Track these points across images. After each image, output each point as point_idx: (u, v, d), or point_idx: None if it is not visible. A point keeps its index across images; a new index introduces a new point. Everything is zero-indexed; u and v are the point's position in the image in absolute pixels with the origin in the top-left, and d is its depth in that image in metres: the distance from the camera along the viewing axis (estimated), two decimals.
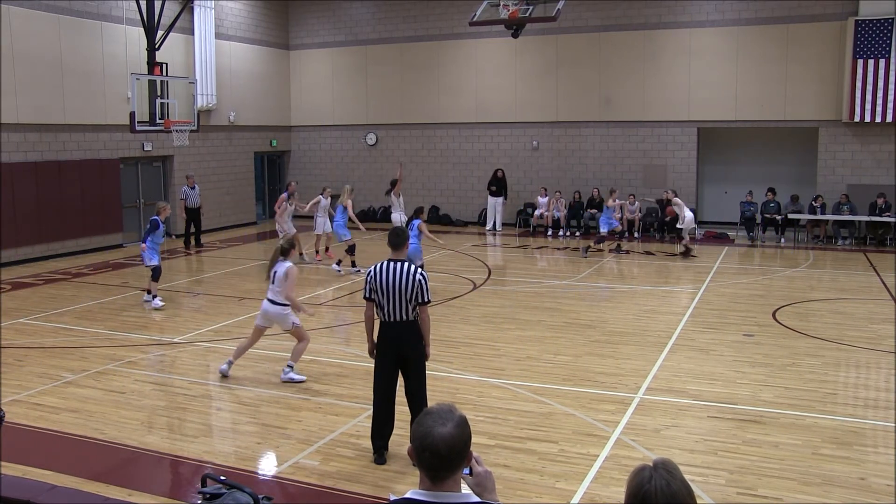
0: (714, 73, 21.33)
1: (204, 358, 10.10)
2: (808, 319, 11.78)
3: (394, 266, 6.48)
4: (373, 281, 6.50)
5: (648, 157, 22.28)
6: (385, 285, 6.43)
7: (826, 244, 19.67)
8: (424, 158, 25.01)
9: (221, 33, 22.96)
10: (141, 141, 20.15)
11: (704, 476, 6.24)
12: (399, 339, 6.53)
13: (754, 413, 7.72)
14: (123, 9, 19.10)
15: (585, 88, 22.60)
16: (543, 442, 6.99)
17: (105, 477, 6.41)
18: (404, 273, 6.43)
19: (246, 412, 7.96)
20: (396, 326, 6.51)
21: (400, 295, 6.42)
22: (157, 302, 12.82)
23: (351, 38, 25.49)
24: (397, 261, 6.52)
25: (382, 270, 6.48)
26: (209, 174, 22.17)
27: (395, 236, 6.68)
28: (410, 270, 6.45)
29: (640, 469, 2.28)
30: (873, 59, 19.40)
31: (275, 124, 25.91)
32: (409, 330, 6.53)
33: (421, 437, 2.49)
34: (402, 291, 6.41)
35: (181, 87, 18.09)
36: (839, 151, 20.55)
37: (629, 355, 9.83)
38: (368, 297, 6.57)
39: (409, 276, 6.42)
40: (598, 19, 22.24)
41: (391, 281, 6.42)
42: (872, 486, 6.09)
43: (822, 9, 20.15)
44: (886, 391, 8.63)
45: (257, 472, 6.57)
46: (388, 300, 6.44)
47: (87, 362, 9.73)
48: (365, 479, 6.30)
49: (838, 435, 7.13)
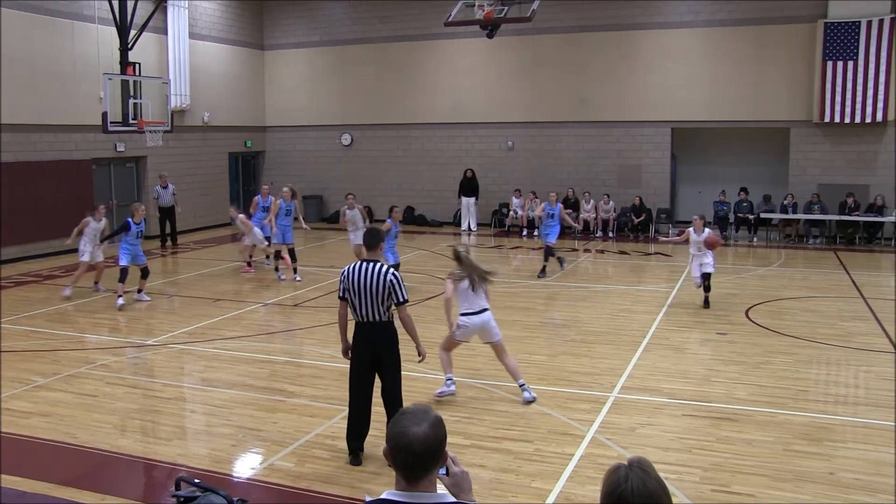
0: (688, 73, 21.50)
1: (178, 360, 10.01)
2: (781, 317, 11.91)
3: (366, 266, 6.46)
4: (346, 280, 6.48)
5: (623, 158, 22.41)
6: (357, 285, 6.41)
7: (798, 243, 19.91)
8: (400, 159, 24.98)
9: (195, 33, 22.77)
10: (114, 141, 19.94)
11: (679, 474, 6.29)
12: (373, 339, 6.52)
13: (728, 411, 7.79)
14: (95, 8, 18.87)
15: (561, 89, 22.69)
16: (519, 441, 7.01)
17: (77, 482, 6.33)
18: (376, 273, 6.41)
19: (220, 414, 7.91)
20: (370, 327, 6.50)
21: (372, 295, 6.40)
22: (119, 301, 12.76)
23: (326, 38, 25.41)
24: (370, 261, 6.50)
25: (355, 270, 6.46)
26: (183, 175, 21.98)
27: (370, 236, 6.65)
28: (382, 270, 6.43)
29: (616, 468, 2.27)
30: (842, 60, 19.67)
31: (249, 125, 25.75)
32: (382, 330, 6.52)
33: (396, 436, 2.48)
34: (374, 291, 6.40)
35: (154, 88, 17.94)
36: (810, 151, 20.81)
37: (604, 354, 9.89)
38: (342, 297, 6.56)
39: (380, 276, 6.40)
40: (574, 20, 22.34)
41: (363, 281, 6.40)
42: (841, 480, 6.18)
43: (793, 11, 20.38)
44: (856, 387, 8.77)
45: (232, 474, 6.52)
46: (361, 300, 6.43)
47: (59, 365, 9.61)
48: (340, 481, 6.28)
49: (809, 431, 7.22)
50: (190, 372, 9.64)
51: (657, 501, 2.20)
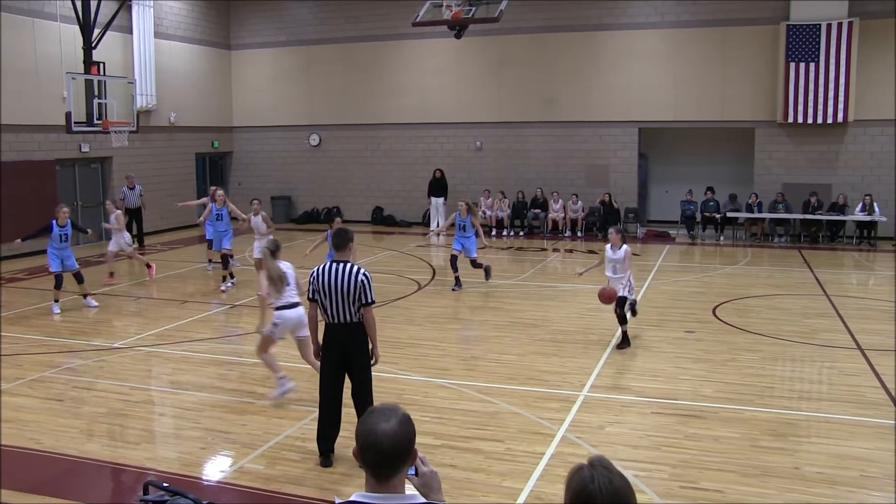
0: (653, 74, 21.72)
1: (145, 363, 9.90)
2: (747, 315, 12.08)
3: (336, 267, 6.43)
4: (315, 282, 6.44)
5: (591, 157, 22.57)
6: (328, 286, 6.38)
7: (763, 242, 20.21)
8: (368, 159, 24.93)
9: (161, 32, 22.52)
10: (78, 142, 19.65)
11: (648, 471, 6.36)
12: (344, 340, 6.50)
13: (695, 408, 7.89)
14: (57, 6, 18.58)
15: (528, 89, 22.79)
16: (489, 441, 7.03)
17: (43, 488, 6.25)
18: (347, 273, 6.38)
19: (189, 417, 7.84)
20: (341, 328, 6.47)
21: (343, 296, 6.38)
22: (54, 308, 12.49)
23: (293, 38, 25.27)
24: (340, 261, 6.48)
25: (325, 271, 6.43)
26: (150, 176, 21.73)
27: (338, 237, 6.62)
28: (353, 271, 6.41)
29: (578, 469, 2.27)
30: (804, 62, 19.99)
31: (216, 125, 25.52)
32: (353, 331, 6.49)
33: (364, 434, 2.48)
34: (345, 292, 6.37)
35: (119, 87, 17.71)
36: (774, 151, 21.14)
37: (573, 354, 9.96)
38: (312, 298, 6.52)
39: (351, 277, 6.38)
40: (541, 20, 22.45)
41: (334, 282, 6.37)
42: (806, 474, 6.29)
43: (756, 13, 20.67)
44: (819, 383, 8.93)
45: (201, 477, 6.48)
46: (332, 301, 6.40)
47: (22, 370, 9.45)
48: (310, 483, 6.26)
49: (775, 427, 7.34)
50: (158, 375, 9.54)
51: (624, 499, 2.23)
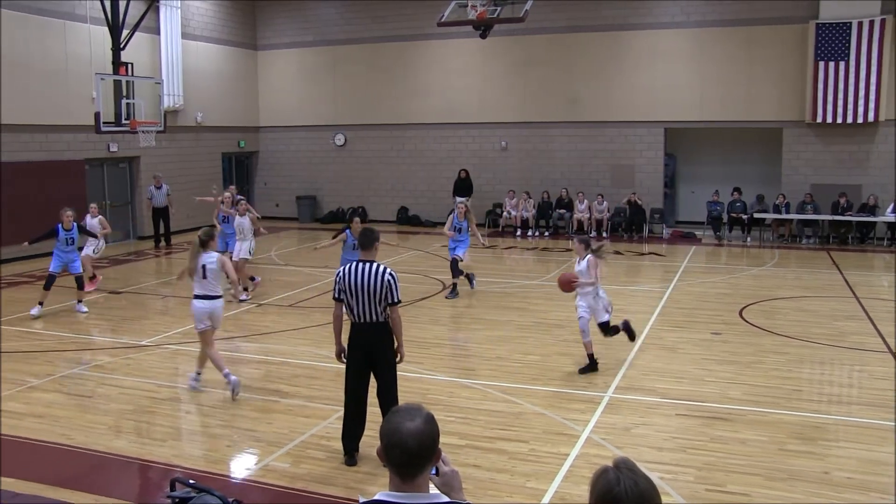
0: (679, 74, 21.55)
1: (172, 361, 10.00)
2: (774, 317, 11.96)
3: (363, 266, 6.44)
4: (342, 281, 6.44)
5: (616, 158, 22.45)
6: (355, 286, 6.38)
7: (791, 243, 19.98)
8: (393, 159, 24.98)
9: (188, 33, 22.73)
10: (106, 142, 19.88)
11: (673, 473, 6.31)
12: (370, 340, 6.50)
13: (722, 410, 7.82)
14: (87, 8, 18.81)
15: (553, 89, 22.71)
16: (514, 441, 7.02)
17: (72, 483, 6.32)
18: (374, 273, 6.39)
19: (215, 415, 7.90)
20: (367, 327, 6.47)
21: (370, 295, 6.38)
22: (33, 311, 12.33)
23: (319, 38, 25.38)
24: (367, 261, 6.49)
25: (352, 271, 6.43)
26: (176, 175, 21.92)
27: (365, 237, 6.64)
28: (380, 270, 6.41)
29: (603, 471, 2.26)
30: (833, 61, 19.75)
31: (242, 125, 25.70)
32: (379, 331, 6.50)
33: (389, 433, 2.49)
34: (372, 292, 6.38)
35: (147, 88, 17.89)
36: (802, 152, 20.89)
37: (598, 354, 9.88)
38: (338, 298, 6.51)
39: (378, 276, 6.38)
40: (566, 20, 22.37)
41: (361, 281, 6.37)
42: (835, 479, 6.21)
43: (783, 11, 20.44)
44: (849, 387, 8.81)
45: (227, 475, 6.52)
46: (358, 301, 6.40)
47: (53, 366, 9.59)
48: (336, 481, 6.28)
49: (803, 430, 7.25)
50: (184, 373, 9.61)
51: (649, 501, 2.22)
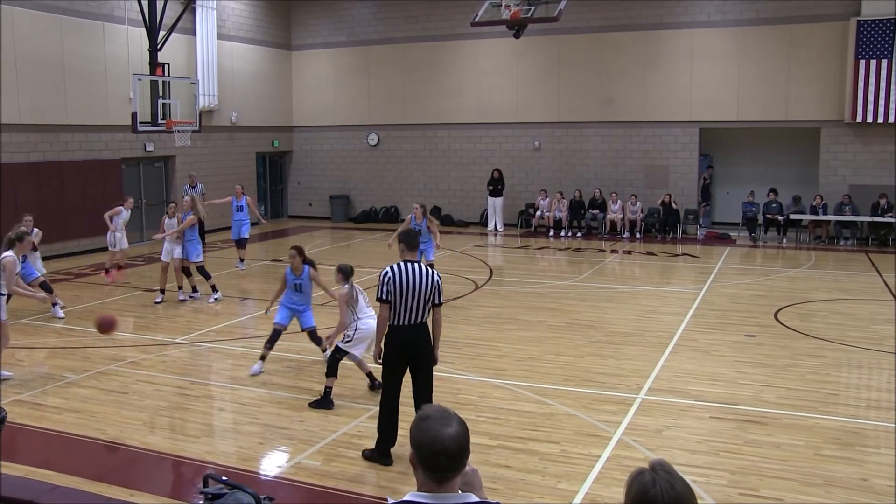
0: (715, 73, 21.31)
1: (205, 358, 10.10)
2: (810, 320, 11.77)
3: (412, 267, 6.36)
4: (391, 282, 6.29)
5: (650, 158, 22.26)
6: (406, 287, 6.28)
7: (828, 244, 19.65)
8: (426, 159, 25.01)
9: (223, 34, 22.97)
10: (143, 141, 20.17)
11: (706, 476, 6.23)
12: (415, 341, 6.44)
13: (756, 413, 7.71)
14: (125, 9, 19.11)
15: (587, 89, 22.58)
16: (545, 442, 6.98)
17: (107, 477, 6.41)
18: (424, 273, 6.34)
19: (248, 412, 7.96)
20: (410, 329, 6.40)
21: (420, 296, 6.32)
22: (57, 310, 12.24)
23: (352, 38, 25.50)
24: (413, 261, 6.43)
25: (403, 272, 6.31)
26: (211, 174, 22.16)
27: (412, 237, 6.57)
28: (430, 272, 6.38)
29: (639, 473, 2.25)
30: (875, 59, 19.39)
31: (276, 125, 25.91)
32: (423, 332, 6.46)
33: (429, 441, 2.47)
34: (423, 293, 6.32)
35: (183, 88, 18.09)
36: (841, 152, 20.53)
37: (631, 356, 9.83)
38: (386, 300, 6.33)
39: (428, 277, 6.34)
40: (600, 20, 22.23)
41: (413, 282, 6.29)
42: (874, 486, 6.09)
43: (823, 9, 20.13)
44: (888, 392, 8.62)
45: (259, 472, 6.57)
46: (409, 302, 6.31)
47: (89, 362, 9.74)
48: (367, 480, 6.30)
49: (840, 436, 7.12)
50: (218, 370, 9.73)
51: (686, 502, 2.20)
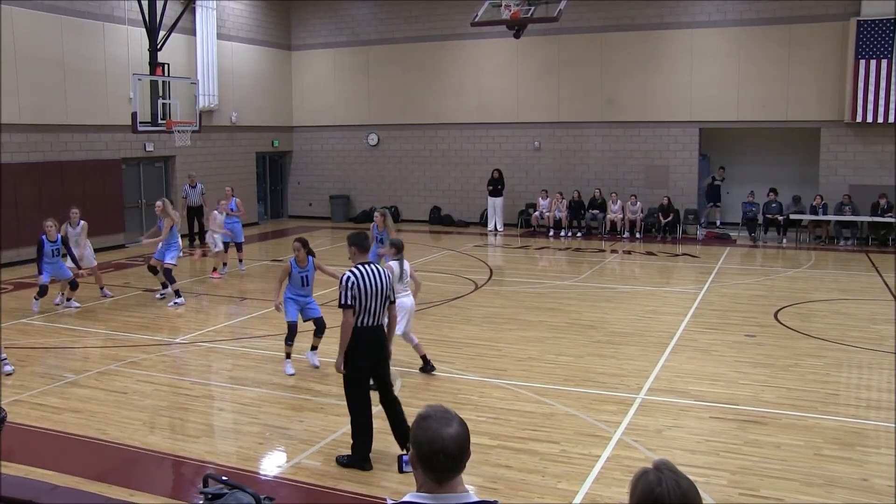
0: (716, 73, 21.31)
1: (205, 358, 10.10)
2: (810, 320, 11.77)
3: (370, 269, 6.49)
4: (355, 287, 6.32)
5: (650, 158, 22.26)
6: (369, 289, 6.38)
7: (828, 245, 19.65)
8: (426, 159, 25.01)
9: (223, 34, 22.97)
10: (143, 141, 20.16)
11: (706, 476, 6.23)
12: (378, 342, 6.56)
13: (756, 414, 7.71)
14: (125, 9, 19.11)
15: (587, 89, 22.58)
16: (545, 442, 6.98)
17: (107, 477, 6.41)
18: (381, 274, 6.50)
19: (248, 412, 7.96)
20: (375, 330, 6.52)
21: (380, 297, 6.45)
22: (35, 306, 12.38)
23: (353, 38, 25.50)
24: (369, 263, 6.57)
25: (364, 274, 6.40)
26: (211, 174, 22.17)
27: (361, 239, 6.66)
28: (381, 270, 6.56)
29: (644, 473, 2.25)
30: (875, 59, 19.39)
31: (276, 125, 25.91)
32: (383, 332, 6.65)
33: (430, 441, 2.47)
34: (382, 293, 6.47)
35: (183, 88, 18.09)
36: (841, 152, 20.53)
37: (631, 356, 9.83)
38: (350, 305, 6.33)
39: (385, 277, 6.53)
40: (600, 20, 22.23)
41: (374, 284, 6.41)
42: (875, 486, 6.08)
43: (824, 9, 20.12)
44: (888, 392, 8.62)
45: (259, 472, 6.57)
46: (370, 304, 6.40)
47: (89, 362, 9.74)
48: (367, 480, 6.29)
49: (840, 436, 7.12)
50: (218, 370, 9.72)
51: (692, 501, 2.21)
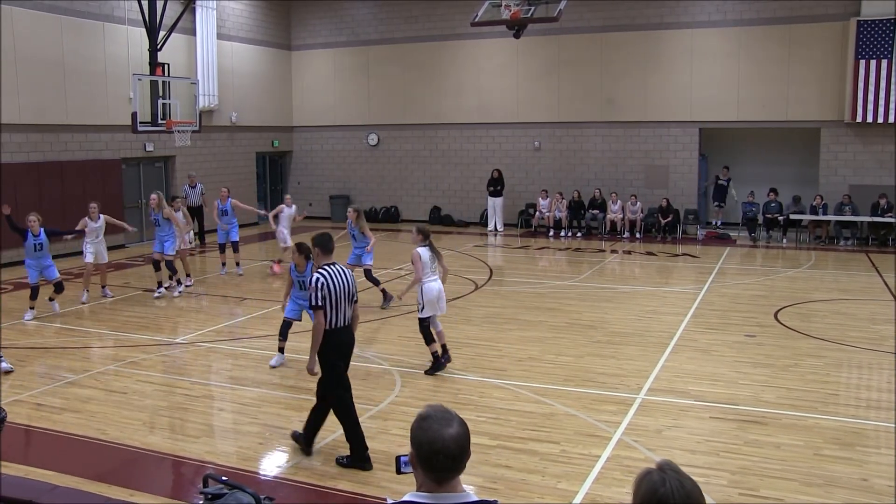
0: (716, 73, 21.31)
1: (205, 358, 10.10)
2: (810, 320, 11.77)
3: (337, 269, 6.53)
4: (325, 288, 6.36)
5: (650, 158, 22.26)
6: (337, 290, 6.43)
7: (828, 245, 19.65)
8: (426, 159, 25.01)
9: (223, 34, 22.97)
10: (143, 141, 20.16)
11: (706, 477, 6.23)
12: (349, 342, 6.66)
13: (756, 414, 7.71)
14: (125, 9, 19.11)
15: (587, 89, 22.59)
16: (545, 442, 6.98)
17: (107, 477, 6.41)
18: (347, 275, 6.55)
19: (247, 412, 7.97)
20: (345, 330, 6.58)
21: (347, 297, 6.51)
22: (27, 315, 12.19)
23: (353, 38, 25.50)
24: (335, 263, 6.60)
25: (332, 275, 6.44)
26: (211, 174, 22.17)
27: (326, 240, 6.67)
28: (348, 272, 6.60)
29: (647, 473, 2.25)
30: (875, 59, 19.39)
31: (276, 125, 25.92)
32: (352, 331, 6.71)
33: (431, 442, 2.48)
34: (350, 293, 6.54)
35: (183, 88, 18.10)
36: (841, 152, 20.53)
37: (631, 356, 9.83)
38: (321, 306, 6.36)
39: (350, 277, 6.58)
40: (600, 20, 22.23)
41: (342, 285, 6.46)
42: (874, 486, 6.08)
43: (824, 9, 20.12)
44: (888, 392, 8.62)
45: (259, 472, 6.57)
46: (339, 305, 6.46)
47: (89, 362, 9.74)
48: (367, 480, 6.29)
49: (840, 436, 7.12)
50: (218, 370, 9.72)
51: (696, 500, 2.21)
